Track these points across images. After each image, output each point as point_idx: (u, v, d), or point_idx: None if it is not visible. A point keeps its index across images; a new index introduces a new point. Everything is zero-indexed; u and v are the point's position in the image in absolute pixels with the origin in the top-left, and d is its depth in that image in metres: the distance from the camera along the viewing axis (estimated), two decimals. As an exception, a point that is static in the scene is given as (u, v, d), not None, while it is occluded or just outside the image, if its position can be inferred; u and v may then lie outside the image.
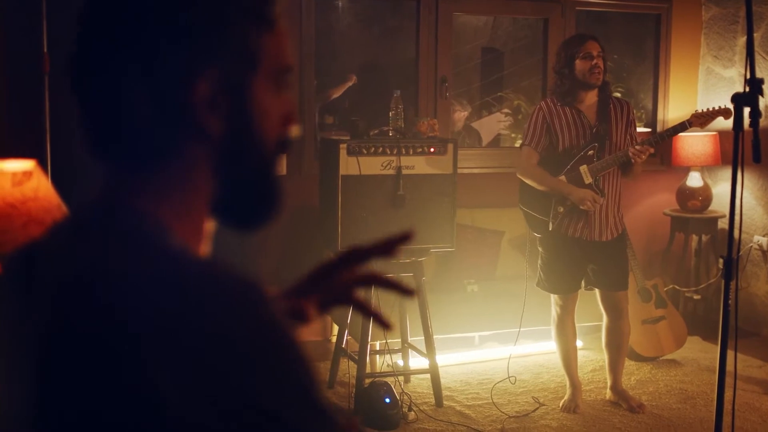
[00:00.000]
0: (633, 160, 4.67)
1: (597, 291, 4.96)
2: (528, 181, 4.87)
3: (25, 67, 4.88)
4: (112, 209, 1.01)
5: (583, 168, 4.75)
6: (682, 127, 4.75)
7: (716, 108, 4.79)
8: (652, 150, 4.71)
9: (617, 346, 5.00)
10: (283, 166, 6.08)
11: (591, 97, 4.80)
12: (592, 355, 5.92)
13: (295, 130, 1.13)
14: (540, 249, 4.94)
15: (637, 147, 4.65)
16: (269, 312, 0.93)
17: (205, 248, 1.09)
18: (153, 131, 1.01)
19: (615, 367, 5.06)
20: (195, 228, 1.06)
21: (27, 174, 2.72)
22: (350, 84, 6.95)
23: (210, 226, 1.10)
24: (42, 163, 3.01)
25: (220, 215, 1.10)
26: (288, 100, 1.11)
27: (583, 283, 4.95)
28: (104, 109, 1.02)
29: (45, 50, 4.49)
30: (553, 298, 4.97)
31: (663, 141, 4.84)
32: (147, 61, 0.98)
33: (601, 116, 4.78)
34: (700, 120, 4.74)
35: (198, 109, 1.00)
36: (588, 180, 4.74)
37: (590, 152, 4.76)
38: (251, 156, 1.07)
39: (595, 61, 4.69)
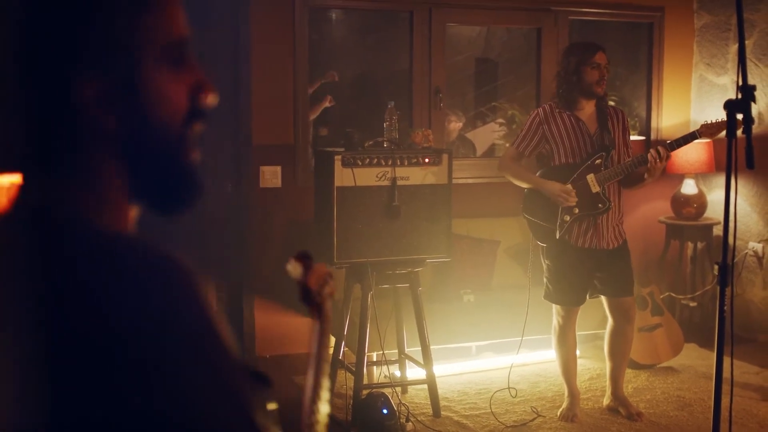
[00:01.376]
0: (651, 163, 4.64)
1: (604, 298, 4.95)
2: (506, 176, 4.97)
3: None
4: (33, 215, 1.01)
5: (591, 177, 4.76)
6: (692, 137, 4.75)
7: (726, 120, 4.79)
8: (670, 155, 4.71)
9: (622, 352, 5.00)
10: (278, 178, 6.09)
11: (590, 106, 4.82)
12: (590, 363, 5.92)
13: (209, 98, 1.08)
14: (546, 261, 4.93)
15: (659, 149, 4.62)
16: (193, 287, 0.94)
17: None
18: (53, 138, 1.00)
19: (617, 373, 5.05)
20: (118, 220, 1.05)
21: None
22: (326, 105, 6.84)
23: (134, 215, 1.09)
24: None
25: (142, 203, 1.08)
26: (193, 71, 1.07)
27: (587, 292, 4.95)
28: (4, 123, 1.02)
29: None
30: (556, 308, 4.96)
31: (678, 147, 4.85)
32: (28, 74, 0.98)
33: (600, 125, 4.80)
34: (710, 131, 4.75)
35: (88, 109, 0.98)
36: (596, 189, 4.75)
37: (597, 161, 4.77)
38: (154, 142, 1.04)
39: (603, 72, 4.72)
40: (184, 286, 0.94)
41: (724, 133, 3.21)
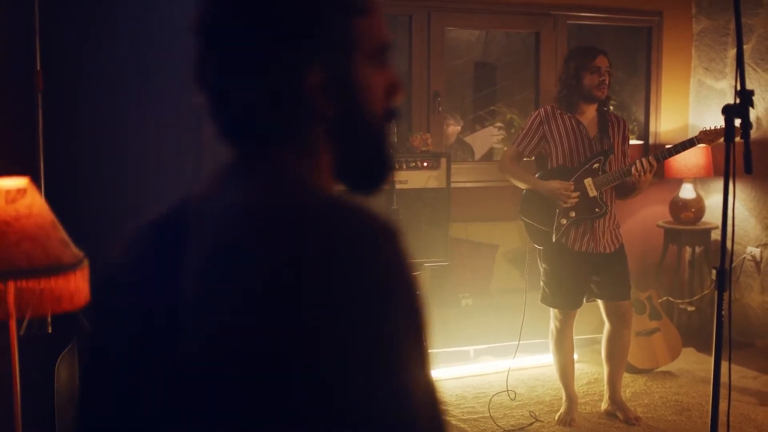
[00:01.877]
0: (635, 176, 4.66)
1: (601, 302, 4.95)
2: (506, 176, 4.97)
3: (18, 85, 4.88)
4: (253, 170, 1.18)
5: (588, 181, 4.76)
6: (690, 143, 4.76)
7: (724, 126, 4.80)
8: (655, 165, 4.71)
9: (619, 356, 5.00)
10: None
11: (591, 110, 4.83)
12: (587, 367, 5.92)
13: (399, 98, 1.27)
14: (543, 264, 4.93)
15: (643, 161, 4.64)
16: (401, 249, 1.06)
17: None
18: (278, 120, 1.18)
19: (615, 377, 5.05)
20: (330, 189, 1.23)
21: (21, 191, 2.72)
22: None
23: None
24: (35, 180, 3.01)
25: (343, 181, 1.25)
26: (390, 74, 1.26)
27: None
28: (232, 105, 1.19)
29: (38, 68, 4.49)
30: (553, 312, 4.96)
31: (670, 156, 4.86)
32: (261, 66, 1.15)
33: (601, 130, 4.81)
34: (709, 137, 4.75)
35: (311, 96, 1.17)
36: (593, 193, 4.76)
37: (595, 165, 4.78)
38: (363, 129, 1.23)
39: (603, 76, 4.72)
40: (398, 252, 1.06)
41: (722, 138, 3.22)
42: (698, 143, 4.77)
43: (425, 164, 4.91)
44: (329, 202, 1.10)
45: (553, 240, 4.82)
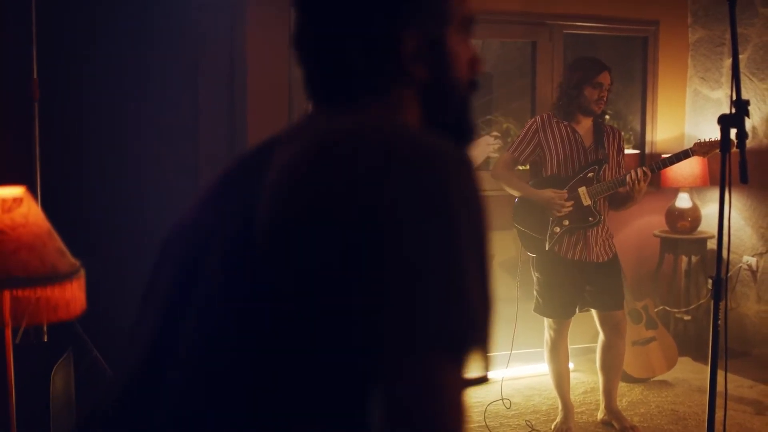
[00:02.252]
0: (629, 185, 4.68)
1: (594, 312, 4.95)
2: (499, 182, 4.97)
3: (14, 93, 4.88)
4: (339, 115, 1.25)
5: (582, 190, 4.77)
6: (685, 155, 4.77)
7: (719, 139, 4.81)
8: (650, 175, 4.72)
9: (614, 366, 5.00)
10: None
11: (588, 121, 4.84)
12: (584, 377, 5.92)
13: (480, 69, 1.36)
14: (536, 273, 4.93)
15: (638, 171, 4.66)
16: (469, 176, 1.13)
17: None
18: (371, 78, 1.26)
19: (610, 387, 5.05)
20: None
21: (17, 200, 2.72)
22: None
23: None
24: (32, 190, 3.01)
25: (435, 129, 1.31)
26: (472, 46, 1.34)
27: (578, 305, 4.95)
28: (328, 66, 1.27)
29: (35, 76, 4.49)
30: (547, 321, 4.96)
31: (665, 167, 4.87)
32: (363, 28, 1.24)
33: (596, 140, 4.81)
34: (703, 149, 4.77)
35: (406, 60, 1.25)
36: (587, 202, 4.76)
37: (590, 174, 4.79)
38: (451, 94, 1.31)
39: (603, 93, 4.73)
40: (471, 180, 1.15)
41: (717, 150, 3.23)
42: (693, 155, 4.79)
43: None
44: (411, 132, 1.19)
45: (546, 248, 4.82)
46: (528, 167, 5.08)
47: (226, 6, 5.96)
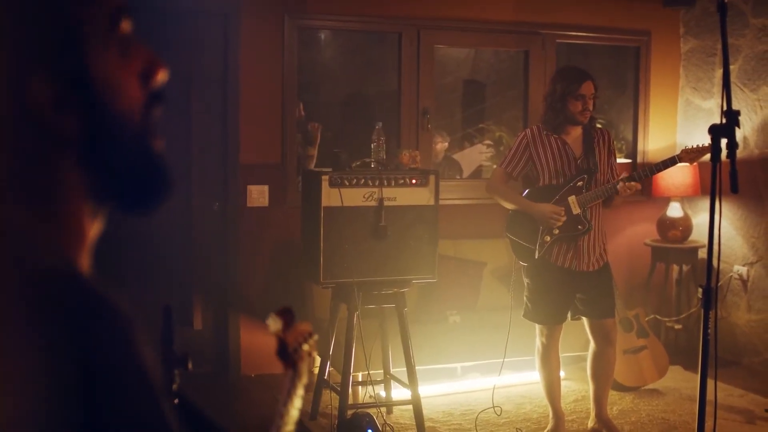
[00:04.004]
0: (621, 193, 4.71)
1: (585, 320, 4.95)
2: (494, 197, 4.98)
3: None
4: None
5: (572, 198, 4.78)
6: (672, 162, 4.79)
7: (706, 145, 4.83)
8: (639, 186, 4.75)
9: (604, 374, 5.00)
10: (265, 198, 6.09)
11: (577, 130, 4.85)
12: (575, 385, 5.92)
13: (161, 78, 1.01)
14: (526, 279, 4.94)
15: (628, 183, 4.68)
16: (129, 338, 0.89)
17: (87, 254, 1.00)
18: (15, 155, 0.92)
19: (600, 395, 5.05)
20: (77, 232, 0.98)
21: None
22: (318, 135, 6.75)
23: (95, 231, 1.01)
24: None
25: (112, 204, 1.01)
26: (140, 52, 0.99)
27: (569, 313, 4.95)
28: None
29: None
30: (538, 328, 4.96)
31: (652, 175, 4.90)
32: None
33: (586, 148, 4.83)
34: (690, 156, 4.79)
35: (45, 114, 0.91)
36: (576, 210, 4.77)
37: (579, 183, 4.80)
38: (118, 137, 0.97)
39: (587, 104, 4.74)
40: (121, 334, 0.89)
41: (707, 156, 3.24)
42: (680, 161, 4.81)
43: (414, 181, 4.92)
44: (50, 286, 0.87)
45: (536, 256, 4.83)
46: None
47: (220, 13, 5.97)
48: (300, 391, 1.89)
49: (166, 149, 1.03)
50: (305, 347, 1.89)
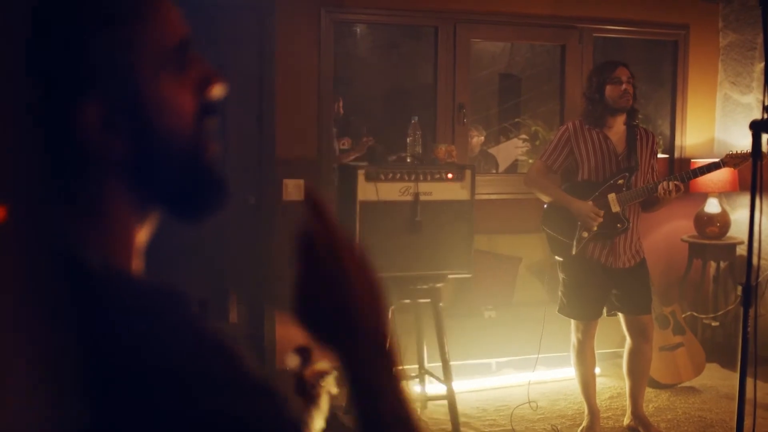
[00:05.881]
0: (661, 197, 4.67)
1: (621, 316, 4.93)
2: (533, 190, 4.96)
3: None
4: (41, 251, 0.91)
5: (612, 196, 4.74)
6: (716, 166, 4.76)
7: (749, 151, 4.78)
8: (681, 188, 4.70)
9: (640, 371, 4.98)
10: (301, 192, 6.10)
11: (619, 124, 4.81)
12: (610, 382, 5.89)
13: (217, 91, 1.01)
14: (561, 274, 4.93)
15: (670, 184, 4.63)
16: (196, 324, 0.92)
17: (137, 258, 1.02)
18: (62, 170, 0.92)
19: (637, 391, 5.03)
20: (124, 237, 0.99)
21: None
22: (367, 145, 6.81)
23: (142, 237, 1.02)
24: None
25: (170, 215, 1.02)
26: (197, 66, 1.00)
27: (605, 309, 4.93)
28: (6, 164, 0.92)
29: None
30: (574, 324, 4.94)
31: (695, 178, 4.86)
32: (27, 111, 0.91)
33: (629, 145, 4.79)
34: (734, 161, 4.75)
35: (92, 137, 0.91)
36: (616, 208, 4.74)
37: (620, 181, 4.76)
38: (166, 155, 0.97)
39: (624, 86, 4.71)
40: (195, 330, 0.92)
41: (747, 162, 3.21)
42: (724, 166, 4.77)
43: (450, 176, 4.91)
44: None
45: (573, 252, 4.80)
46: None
47: (256, 7, 5.98)
48: (318, 426, 1.90)
49: (220, 154, 1.03)
50: (323, 384, 1.90)
